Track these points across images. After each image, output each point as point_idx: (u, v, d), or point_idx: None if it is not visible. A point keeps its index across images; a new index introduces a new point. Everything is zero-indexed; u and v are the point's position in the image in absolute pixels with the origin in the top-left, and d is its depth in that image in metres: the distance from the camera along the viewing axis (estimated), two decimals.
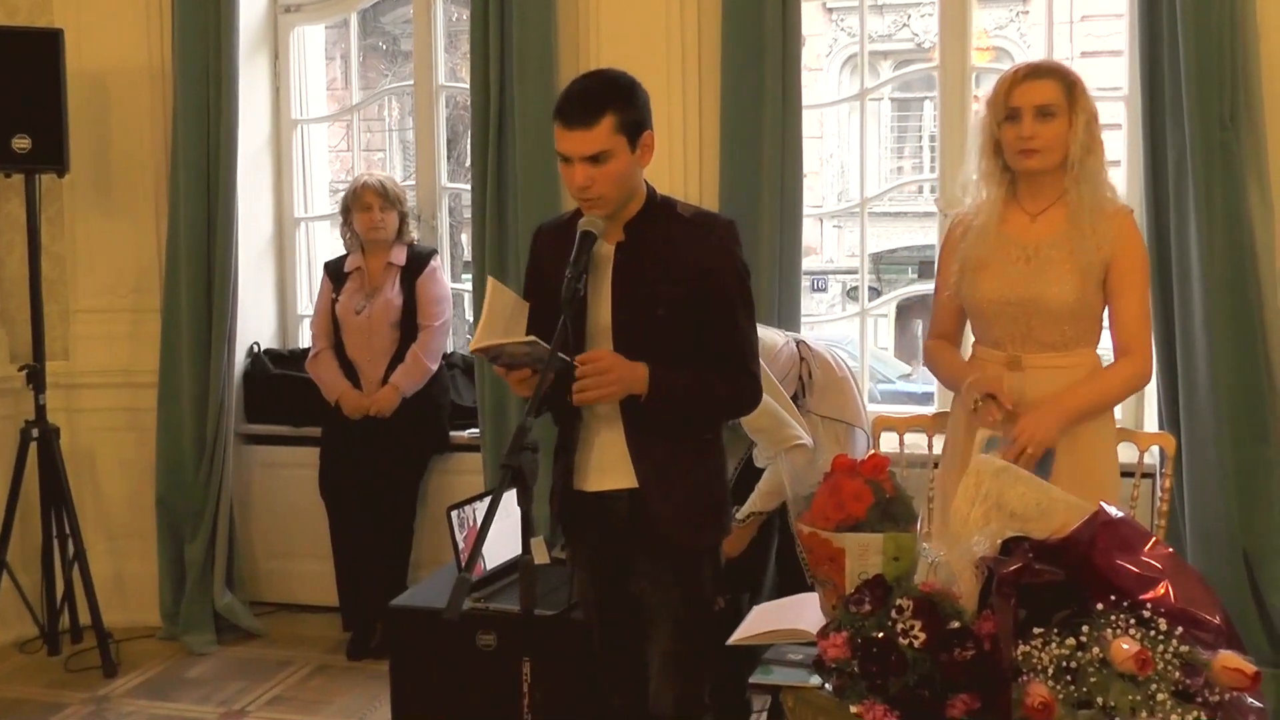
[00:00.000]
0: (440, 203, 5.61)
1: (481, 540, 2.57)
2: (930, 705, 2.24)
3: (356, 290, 5.14)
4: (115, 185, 5.47)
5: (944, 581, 2.39)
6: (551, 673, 3.52)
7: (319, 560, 5.36)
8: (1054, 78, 3.25)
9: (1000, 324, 3.33)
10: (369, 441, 5.07)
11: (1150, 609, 2.24)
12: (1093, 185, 3.25)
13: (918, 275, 14.42)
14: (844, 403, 4.20)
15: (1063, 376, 3.28)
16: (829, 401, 4.17)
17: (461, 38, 7.04)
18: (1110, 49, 9.80)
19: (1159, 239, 4.36)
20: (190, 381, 5.31)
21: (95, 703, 4.74)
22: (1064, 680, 2.18)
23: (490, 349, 2.84)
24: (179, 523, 5.39)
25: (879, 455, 2.65)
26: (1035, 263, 3.27)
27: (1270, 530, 4.26)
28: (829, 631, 2.38)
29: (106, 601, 5.13)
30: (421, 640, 4.18)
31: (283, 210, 5.81)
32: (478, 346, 2.87)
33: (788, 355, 4.14)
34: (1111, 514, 2.37)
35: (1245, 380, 4.23)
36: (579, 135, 2.86)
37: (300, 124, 5.79)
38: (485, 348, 2.84)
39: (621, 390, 2.88)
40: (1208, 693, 2.15)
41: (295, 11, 5.69)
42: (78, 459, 5.39)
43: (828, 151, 15.27)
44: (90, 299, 5.51)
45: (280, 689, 4.85)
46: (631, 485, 2.99)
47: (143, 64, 5.41)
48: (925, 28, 14.74)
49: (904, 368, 13.16)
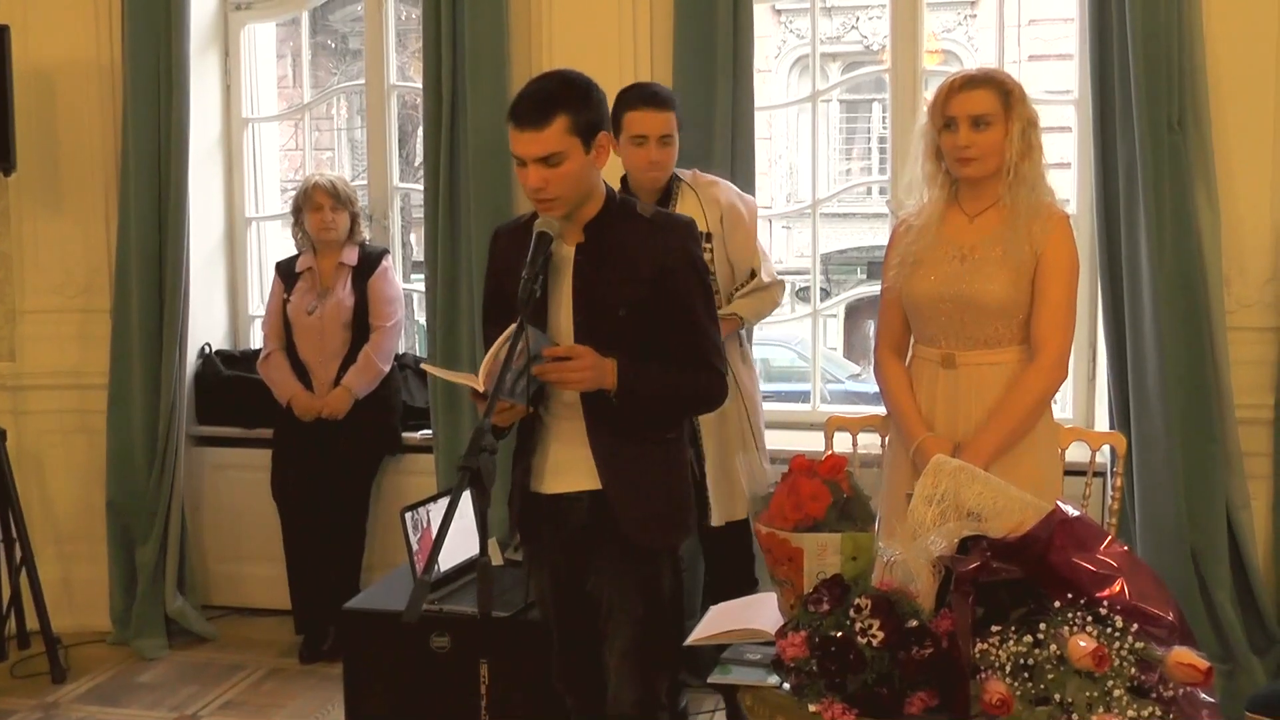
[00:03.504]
0: (392, 202, 5.58)
1: (440, 543, 2.56)
2: (889, 703, 2.26)
3: (308, 290, 5.11)
4: (63, 184, 5.40)
5: (901, 580, 2.41)
6: (508, 674, 3.52)
7: (271, 563, 5.33)
8: (989, 87, 3.31)
9: (935, 321, 3.40)
10: (321, 443, 5.04)
11: (1106, 606, 2.27)
12: (1029, 188, 3.31)
13: (867, 275, 14.49)
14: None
15: (995, 374, 3.35)
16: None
17: (411, 37, 7.02)
18: (1058, 52, 9.89)
19: (1109, 241, 4.41)
20: (141, 383, 5.25)
21: (44, 709, 4.68)
22: (1021, 677, 2.20)
23: (491, 371, 2.78)
24: (129, 526, 5.34)
25: (836, 456, 2.66)
26: (970, 262, 3.34)
27: (1218, 528, 4.32)
28: (787, 631, 2.40)
29: (55, 606, 5.07)
30: (375, 643, 4.17)
31: (234, 210, 5.77)
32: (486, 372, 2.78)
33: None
34: (1068, 513, 2.40)
35: (1194, 380, 4.29)
36: (530, 136, 2.85)
37: (251, 122, 5.75)
38: (490, 371, 2.78)
39: (592, 381, 2.87)
40: (1162, 688, 2.18)
41: (246, 9, 5.65)
42: (25, 462, 5.33)
43: (777, 153, 15.30)
44: (38, 299, 5.44)
45: (233, 693, 4.81)
46: (592, 487, 2.99)
47: (91, 61, 5.34)
48: (873, 30, 14.80)
49: (854, 368, 13.20)
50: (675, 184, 4.17)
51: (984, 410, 3.34)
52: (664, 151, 4.07)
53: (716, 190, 4.20)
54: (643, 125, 4.03)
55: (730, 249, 4.17)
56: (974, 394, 3.36)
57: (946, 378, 3.39)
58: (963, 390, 3.37)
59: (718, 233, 4.13)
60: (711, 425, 4.15)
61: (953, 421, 3.38)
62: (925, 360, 3.46)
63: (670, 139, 4.07)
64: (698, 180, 4.22)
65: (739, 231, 4.17)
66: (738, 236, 4.17)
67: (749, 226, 4.22)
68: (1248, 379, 4.40)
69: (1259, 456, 4.43)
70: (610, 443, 2.97)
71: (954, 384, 3.38)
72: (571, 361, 2.85)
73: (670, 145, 4.08)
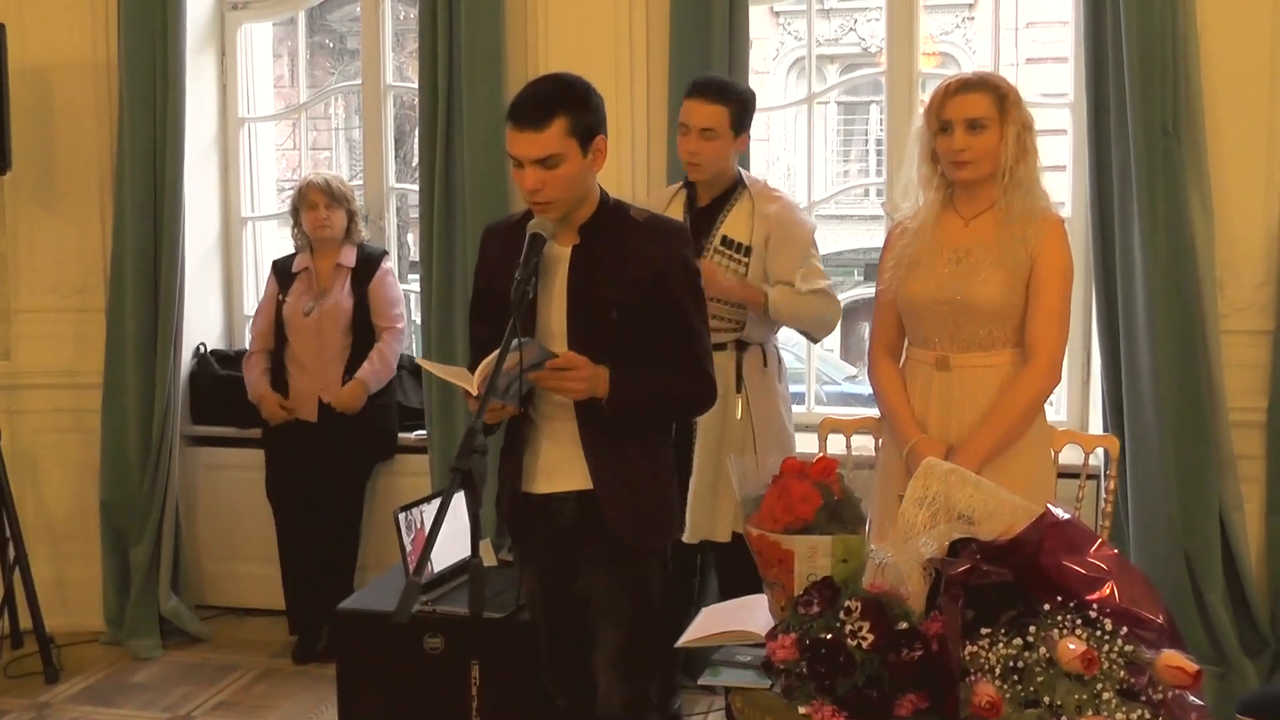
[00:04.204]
0: (388, 203, 5.58)
1: (431, 544, 2.56)
2: (878, 705, 2.26)
3: (304, 291, 5.11)
4: (59, 183, 5.40)
5: (892, 583, 2.41)
6: (500, 675, 3.52)
7: (265, 563, 5.33)
8: (985, 90, 3.31)
9: (930, 323, 3.41)
10: (316, 444, 5.04)
11: (1096, 609, 2.27)
12: (1024, 192, 3.32)
13: (864, 277, 14.49)
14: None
15: (989, 376, 3.35)
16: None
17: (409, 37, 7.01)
18: (1055, 55, 9.89)
19: (1104, 243, 4.42)
20: (135, 383, 5.25)
21: (37, 709, 4.68)
22: (1011, 680, 2.20)
23: (488, 373, 2.78)
24: (123, 526, 5.34)
25: (827, 458, 2.66)
26: (965, 264, 3.35)
27: (1211, 531, 4.32)
28: (778, 633, 2.39)
29: (48, 606, 5.06)
30: (369, 643, 4.16)
31: (229, 209, 5.76)
32: (481, 377, 2.79)
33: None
34: (1058, 516, 2.40)
35: (1187, 383, 4.29)
36: (529, 137, 2.86)
37: (247, 122, 5.75)
38: (485, 376, 2.78)
39: (586, 390, 2.90)
40: (1151, 691, 2.18)
41: (242, 9, 5.65)
42: (19, 461, 5.32)
43: (774, 154, 15.30)
44: (33, 298, 5.44)
45: (226, 694, 4.81)
46: (582, 487, 3.00)
47: (87, 60, 5.34)
48: (871, 32, 14.82)
49: (850, 369, 13.20)
50: (739, 188, 4.09)
51: (978, 413, 3.34)
52: (703, 144, 3.97)
53: (774, 207, 4.07)
54: (685, 113, 3.99)
55: (772, 267, 4.04)
56: (968, 396, 3.37)
57: (941, 380, 3.40)
58: (957, 393, 3.38)
59: (759, 249, 4.01)
60: (709, 443, 4.04)
61: (946, 424, 3.38)
62: (919, 362, 3.47)
63: (712, 133, 3.96)
64: (761, 191, 4.09)
65: (785, 253, 4.03)
66: (782, 257, 4.03)
67: (799, 250, 4.06)
68: (1241, 382, 4.41)
69: (1252, 459, 4.44)
70: (602, 443, 2.99)
71: (948, 386, 3.39)
72: (568, 371, 2.86)
73: (713, 139, 3.97)
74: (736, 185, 4.10)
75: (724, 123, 3.97)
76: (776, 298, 4.01)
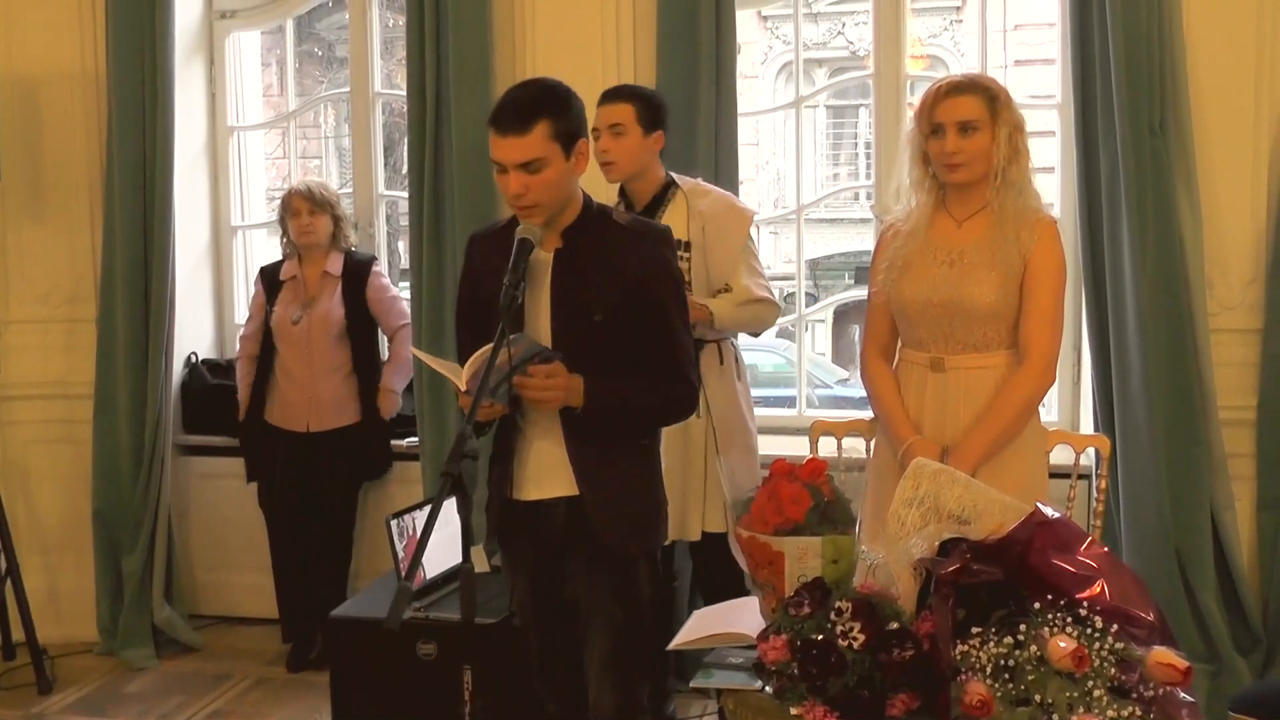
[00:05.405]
0: (377, 210, 5.58)
1: (422, 549, 2.56)
2: (870, 705, 2.26)
3: (292, 300, 5.09)
4: (48, 193, 5.39)
5: (883, 583, 2.42)
6: (493, 681, 3.51)
7: (258, 572, 5.33)
8: (976, 93, 3.32)
9: (924, 325, 3.41)
10: (308, 453, 5.04)
11: (1086, 607, 2.27)
12: (1016, 193, 3.33)
13: (854, 280, 14.52)
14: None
15: (983, 377, 3.36)
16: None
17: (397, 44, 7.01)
18: (1043, 57, 9.90)
19: (1092, 244, 4.43)
20: (127, 393, 5.24)
21: None
22: (1002, 678, 2.20)
23: (477, 368, 2.78)
24: (116, 536, 5.33)
25: (817, 459, 2.67)
26: (959, 266, 3.35)
27: (1202, 529, 4.33)
28: (769, 634, 2.40)
29: (41, 617, 5.06)
30: (362, 651, 4.16)
31: (219, 218, 5.76)
32: (471, 372, 2.80)
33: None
34: (1048, 514, 2.40)
35: (1177, 383, 4.30)
36: (512, 142, 2.88)
37: (236, 131, 5.75)
38: (476, 370, 2.79)
39: (562, 399, 2.91)
40: (1142, 688, 2.18)
41: (230, 17, 5.65)
42: (10, 472, 5.33)
43: (763, 159, 15.33)
44: (23, 309, 5.43)
45: (220, 703, 4.81)
46: (570, 493, 3.01)
47: (76, 70, 5.34)
48: (859, 35, 14.82)
49: (841, 372, 13.23)
50: (671, 188, 4.12)
51: (972, 414, 3.35)
52: (613, 142, 4.01)
53: (706, 201, 4.11)
54: (594, 119, 3.96)
55: (711, 259, 4.07)
56: (962, 398, 3.37)
57: (935, 381, 3.40)
58: (951, 394, 3.38)
59: (698, 242, 4.04)
60: (672, 443, 3.96)
61: (941, 425, 3.39)
62: (913, 364, 3.47)
63: (620, 128, 4.00)
64: (694, 188, 4.14)
65: (723, 244, 4.07)
66: (720, 249, 4.07)
67: (736, 240, 4.11)
68: (1231, 381, 4.42)
69: (1243, 457, 4.44)
70: (588, 449, 2.99)
71: (942, 388, 3.39)
72: (543, 380, 2.86)
73: (621, 135, 4.01)
74: (669, 186, 4.13)
75: (630, 118, 4.02)
76: (720, 312, 4.04)
